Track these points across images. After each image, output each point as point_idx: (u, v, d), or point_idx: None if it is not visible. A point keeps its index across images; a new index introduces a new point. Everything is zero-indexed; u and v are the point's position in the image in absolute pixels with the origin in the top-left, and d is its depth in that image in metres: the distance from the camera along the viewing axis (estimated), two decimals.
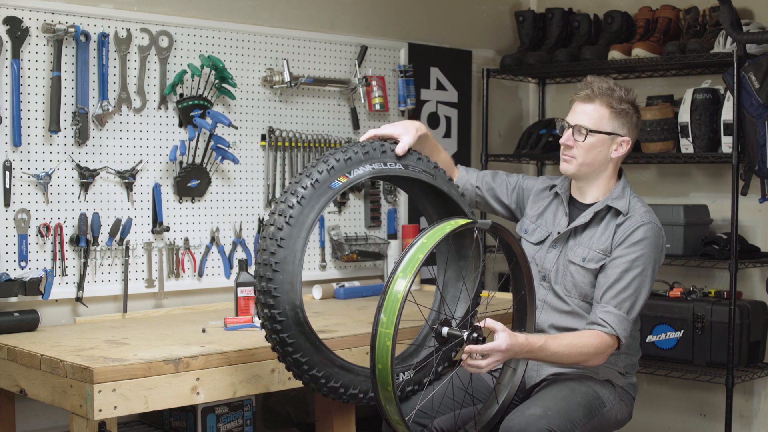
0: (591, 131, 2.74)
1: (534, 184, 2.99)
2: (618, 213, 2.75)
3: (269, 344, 2.52)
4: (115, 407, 2.41)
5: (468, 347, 2.38)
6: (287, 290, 2.43)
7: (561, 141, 2.79)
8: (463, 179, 3.03)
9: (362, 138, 2.67)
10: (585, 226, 2.79)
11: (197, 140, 3.47)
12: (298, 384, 2.65)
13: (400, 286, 2.22)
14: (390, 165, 2.61)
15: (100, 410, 2.38)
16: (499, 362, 2.43)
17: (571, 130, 2.77)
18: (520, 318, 2.64)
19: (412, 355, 2.75)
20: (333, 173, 2.50)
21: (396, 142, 2.65)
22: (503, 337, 2.39)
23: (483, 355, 2.38)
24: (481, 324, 2.41)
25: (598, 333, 2.61)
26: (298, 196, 2.46)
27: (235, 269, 3.58)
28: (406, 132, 2.67)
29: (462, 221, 2.41)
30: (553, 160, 4.54)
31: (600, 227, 2.77)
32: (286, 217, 2.44)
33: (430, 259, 2.40)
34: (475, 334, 2.38)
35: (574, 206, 2.86)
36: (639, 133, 2.87)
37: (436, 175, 2.71)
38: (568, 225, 2.82)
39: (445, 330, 2.42)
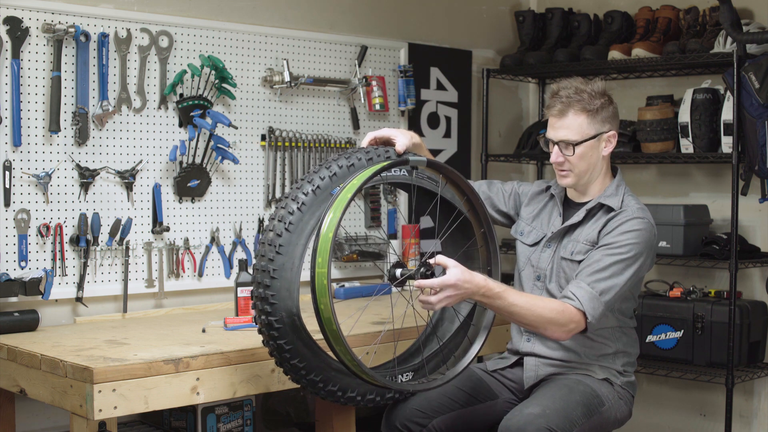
0: (578, 143, 2.72)
1: (530, 189, 2.99)
2: (610, 209, 2.75)
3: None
4: (115, 407, 2.41)
5: (417, 282, 2.37)
6: (284, 297, 2.42)
7: (551, 160, 2.76)
8: None
9: (363, 143, 2.68)
10: (578, 224, 2.80)
11: (197, 140, 3.47)
12: (298, 385, 2.65)
13: (328, 224, 2.31)
14: (394, 171, 2.60)
15: (100, 410, 2.38)
16: (452, 299, 2.39)
17: (556, 146, 2.75)
18: (487, 258, 2.62)
19: (414, 355, 2.75)
20: (335, 180, 2.48)
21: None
22: (453, 272, 2.37)
23: (435, 291, 2.37)
24: (432, 261, 2.40)
25: (563, 303, 2.58)
26: (298, 203, 2.44)
27: (235, 269, 3.58)
28: (401, 134, 2.69)
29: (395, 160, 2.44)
30: None
31: (590, 223, 2.78)
32: (285, 223, 2.42)
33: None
34: (423, 269, 2.38)
35: (569, 206, 2.87)
36: (619, 121, 2.85)
37: (440, 181, 2.70)
38: (562, 224, 2.82)
39: (398, 272, 2.44)
